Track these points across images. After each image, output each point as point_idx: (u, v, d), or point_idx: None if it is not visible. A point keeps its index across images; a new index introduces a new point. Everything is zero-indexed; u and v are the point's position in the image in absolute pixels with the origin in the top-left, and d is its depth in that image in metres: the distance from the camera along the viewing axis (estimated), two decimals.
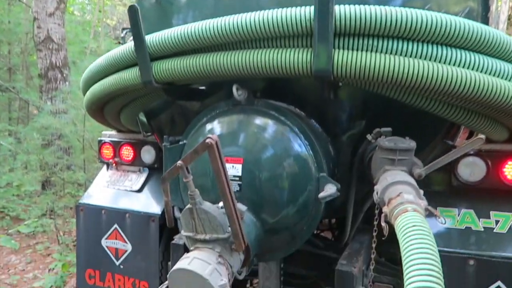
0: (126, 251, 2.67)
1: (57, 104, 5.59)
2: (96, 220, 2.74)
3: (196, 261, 1.47)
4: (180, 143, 1.96)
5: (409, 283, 0.99)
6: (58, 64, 6.42)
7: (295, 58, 1.52)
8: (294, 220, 1.78)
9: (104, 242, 2.72)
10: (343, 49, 1.50)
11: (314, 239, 2.31)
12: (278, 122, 1.78)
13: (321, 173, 1.74)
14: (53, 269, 4.40)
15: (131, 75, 1.83)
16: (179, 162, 1.39)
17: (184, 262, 1.47)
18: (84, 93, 2.26)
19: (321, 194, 1.68)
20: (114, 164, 2.84)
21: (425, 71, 1.42)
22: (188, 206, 1.50)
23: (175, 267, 1.48)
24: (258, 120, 1.78)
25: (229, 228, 1.49)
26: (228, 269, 1.53)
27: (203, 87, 2.09)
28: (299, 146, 1.76)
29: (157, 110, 2.58)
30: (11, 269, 4.59)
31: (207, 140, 1.25)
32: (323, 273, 2.27)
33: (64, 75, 6.45)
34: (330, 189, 1.69)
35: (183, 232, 1.60)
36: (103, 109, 2.35)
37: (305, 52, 1.52)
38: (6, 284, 4.12)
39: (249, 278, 2.87)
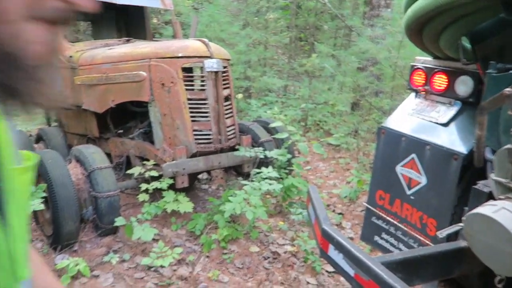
0: (419, 183, 2.59)
1: (377, 30, 5.73)
2: (395, 145, 2.74)
3: (505, 212, 1.23)
4: (511, 71, 1.60)
5: None
6: None
7: None
8: None
9: (399, 169, 2.72)
10: None
11: None
12: None
13: None
14: (350, 182, 4.89)
15: None
16: (508, 89, 1.13)
17: (489, 209, 1.27)
18: (405, 11, 2.15)
19: None
20: (423, 92, 2.69)
21: None
22: (508, 146, 1.24)
23: (476, 210, 1.29)
24: None
25: None
26: None
27: None
28: None
29: (486, 33, 2.18)
30: (318, 173, 5.43)
31: None
32: None
33: (387, 1, 6.45)
34: None
35: (493, 176, 1.36)
36: (422, 29, 2.19)
37: None
38: (314, 183, 4.93)
39: None
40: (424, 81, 2.69)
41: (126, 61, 3.54)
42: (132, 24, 5.46)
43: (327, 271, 3.06)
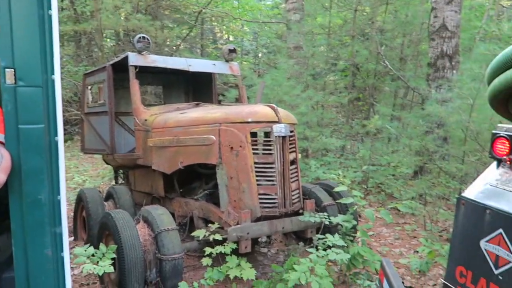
0: (509, 262, 2.33)
1: (442, 93, 5.58)
2: (478, 219, 2.52)
3: None
4: None
5: None
6: (448, 53, 6.37)
7: None
8: None
9: (483, 245, 2.48)
10: None
11: None
12: None
13: None
14: (419, 252, 4.53)
15: None
16: None
17: None
18: (489, 83, 2.07)
19: None
20: (508, 162, 2.50)
21: None
22: None
23: None
24: None
25: None
26: None
27: None
28: None
29: None
30: (382, 239, 5.11)
31: None
32: None
33: (453, 63, 6.33)
34: None
35: None
36: (508, 100, 2.08)
37: None
38: (377, 252, 4.63)
39: None
40: (508, 150, 2.51)
41: (197, 125, 3.68)
42: (199, 88, 5.77)
43: None
